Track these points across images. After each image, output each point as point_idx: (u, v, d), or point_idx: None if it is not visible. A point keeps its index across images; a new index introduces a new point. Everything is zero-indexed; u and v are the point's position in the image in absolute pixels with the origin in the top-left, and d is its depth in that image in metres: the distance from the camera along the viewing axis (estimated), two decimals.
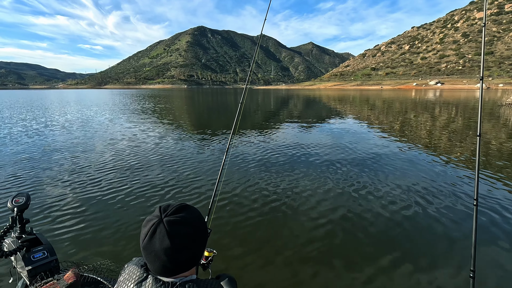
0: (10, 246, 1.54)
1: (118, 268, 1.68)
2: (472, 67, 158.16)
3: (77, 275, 1.49)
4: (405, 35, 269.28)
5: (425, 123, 14.31)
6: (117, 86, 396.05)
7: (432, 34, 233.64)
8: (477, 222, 1.38)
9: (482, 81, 1.52)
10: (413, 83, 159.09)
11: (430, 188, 5.16)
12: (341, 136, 10.48)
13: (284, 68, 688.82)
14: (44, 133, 11.26)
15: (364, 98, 43.65)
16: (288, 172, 6.14)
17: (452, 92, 71.17)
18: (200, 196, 4.85)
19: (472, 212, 1.28)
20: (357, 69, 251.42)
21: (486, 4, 1.58)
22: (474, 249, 1.36)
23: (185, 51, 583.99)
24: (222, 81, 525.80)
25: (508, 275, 2.84)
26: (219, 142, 9.53)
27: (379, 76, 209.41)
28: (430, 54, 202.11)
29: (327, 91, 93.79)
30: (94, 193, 5.00)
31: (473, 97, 40.34)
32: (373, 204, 4.47)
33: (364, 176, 5.85)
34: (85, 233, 3.65)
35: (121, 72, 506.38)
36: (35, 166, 6.62)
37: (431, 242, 3.43)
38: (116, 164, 6.84)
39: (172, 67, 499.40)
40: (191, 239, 0.83)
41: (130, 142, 9.47)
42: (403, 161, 7.02)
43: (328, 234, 3.63)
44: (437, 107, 23.80)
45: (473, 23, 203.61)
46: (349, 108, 24.81)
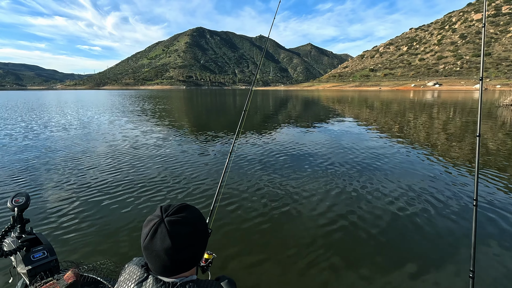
0: (10, 246, 1.54)
1: (118, 268, 1.69)
2: (469, 68, 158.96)
3: (77, 275, 1.49)
4: (403, 36, 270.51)
5: (424, 124, 14.37)
6: (116, 87, 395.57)
7: (430, 36, 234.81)
8: (476, 222, 1.38)
9: (482, 81, 1.50)
10: (411, 84, 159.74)
11: (429, 189, 5.17)
12: (340, 137, 10.50)
13: (282, 69, 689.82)
14: (44, 134, 11.23)
15: (363, 99, 43.78)
16: (288, 173, 6.15)
17: (450, 93, 71.50)
18: (201, 197, 4.84)
19: (472, 212, 1.33)
20: (355, 70, 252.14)
21: (486, 6, 1.58)
22: (474, 249, 1.36)
23: (184, 52, 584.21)
24: (221, 82, 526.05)
25: (508, 275, 2.84)
26: (221, 143, 9.53)
27: (378, 77, 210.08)
28: (428, 55, 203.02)
29: (326, 92, 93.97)
30: (94, 193, 4.98)
31: (470, 98, 40.53)
32: (373, 205, 4.48)
33: (364, 177, 5.86)
34: (85, 233, 3.64)
35: (120, 73, 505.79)
36: (35, 166, 6.60)
37: (431, 242, 3.44)
38: (116, 164, 6.83)
39: (170, 68, 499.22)
40: (192, 239, 0.83)
41: (131, 143, 9.46)
42: (402, 162, 7.04)
43: (329, 235, 3.63)
44: (435, 108, 23.89)
45: (471, 25, 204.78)
46: (347, 109, 24.87)
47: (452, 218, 4.02)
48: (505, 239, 3.48)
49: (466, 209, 4.31)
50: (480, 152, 1.21)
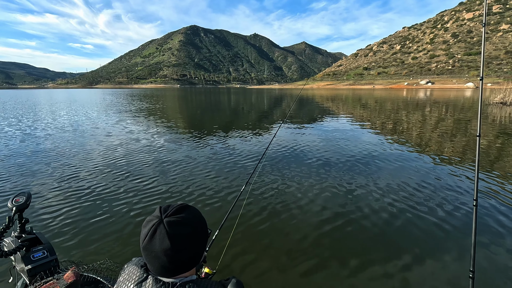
0: (10, 245, 1.53)
1: (118, 268, 1.69)
2: (461, 67, 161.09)
3: (76, 275, 1.49)
4: (397, 35, 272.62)
5: (417, 122, 14.58)
6: (109, 85, 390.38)
7: (423, 34, 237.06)
8: (476, 222, 1.37)
9: (482, 81, 1.48)
10: (405, 82, 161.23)
11: (429, 188, 5.18)
12: (336, 136, 10.60)
13: (277, 68, 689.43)
14: (45, 134, 11.09)
15: (357, 97, 44.09)
16: (283, 172, 6.20)
17: (442, 91, 72.40)
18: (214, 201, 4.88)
19: (472, 212, 1.22)
20: (349, 68, 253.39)
21: (486, 6, 1.56)
22: (474, 249, 1.36)
23: (178, 50, 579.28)
24: (215, 80, 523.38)
25: (508, 275, 2.84)
26: (216, 142, 9.55)
27: (371, 75, 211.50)
28: (420, 54, 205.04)
29: (321, 91, 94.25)
30: (95, 193, 4.98)
31: (462, 96, 41.18)
32: (373, 205, 4.49)
33: (363, 177, 5.91)
34: (85, 233, 3.64)
35: (113, 71, 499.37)
36: (35, 167, 6.55)
37: (431, 242, 3.44)
38: (117, 165, 6.80)
39: (164, 67, 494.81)
40: (191, 239, 0.83)
41: (134, 143, 9.41)
42: (401, 162, 7.08)
43: (327, 235, 3.67)
44: (428, 106, 24.21)
45: (463, 24, 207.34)
46: (341, 107, 25.04)
47: (451, 218, 4.02)
48: (505, 239, 3.49)
49: (466, 209, 4.29)
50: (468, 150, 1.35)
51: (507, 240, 3.47)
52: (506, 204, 4.48)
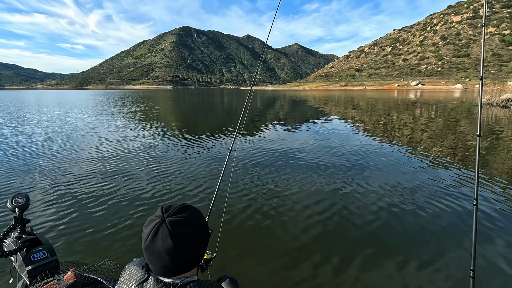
0: (10, 246, 1.53)
1: (118, 268, 1.68)
2: (450, 69, 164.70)
3: (77, 275, 1.48)
4: (387, 37, 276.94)
5: (408, 123, 14.84)
6: (100, 86, 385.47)
7: (413, 37, 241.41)
8: (477, 222, 1.37)
9: (482, 81, 1.45)
10: (395, 84, 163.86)
11: (428, 188, 5.18)
12: (329, 136, 10.69)
13: (270, 69, 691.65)
14: (44, 135, 10.90)
15: (349, 98, 44.57)
16: (277, 173, 6.22)
17: (432, 92, 73.81)
18: (198, 198, 4.88)
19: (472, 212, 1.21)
20: (341, 70, 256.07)
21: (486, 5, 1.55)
22: (474, 248, 1.36)
23: (170, 51, 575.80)
24: (208, 81, 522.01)
25: (508, 275, 2.83)
26: (217, 144, 9.55)
27: (363, 77, 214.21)
28: (411, 55, 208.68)
29: (313, 92, 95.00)
30: (95, 193, 4.93)
31: (451, 98, 42.02)
32: (373, 205, 4.48)
33: (361, 177, 5.93)
34: (86, 233, 3.61)
35: (104, 72, 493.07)
36: (35, 166, 6.43)
37: (431, 242, 3.44)
38: (117, 165, 6.72)
39: (157, 68, 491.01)
40: (193, 239, 0.83)
41: (132, 144, 9.32)
42: (400, 162, 7.12)
43: (324, 235, 3.68)
44: (418, 107, 24.65)
45: (451, 26, 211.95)
46: (334, 108, 25.29)
47: (452, 218, 4.02)
48: (505, 239, 3.49)
49: (466, 209, 4.30)
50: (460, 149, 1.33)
51: (508, 240, 3.48)
52: (505, 204, 4.53)
